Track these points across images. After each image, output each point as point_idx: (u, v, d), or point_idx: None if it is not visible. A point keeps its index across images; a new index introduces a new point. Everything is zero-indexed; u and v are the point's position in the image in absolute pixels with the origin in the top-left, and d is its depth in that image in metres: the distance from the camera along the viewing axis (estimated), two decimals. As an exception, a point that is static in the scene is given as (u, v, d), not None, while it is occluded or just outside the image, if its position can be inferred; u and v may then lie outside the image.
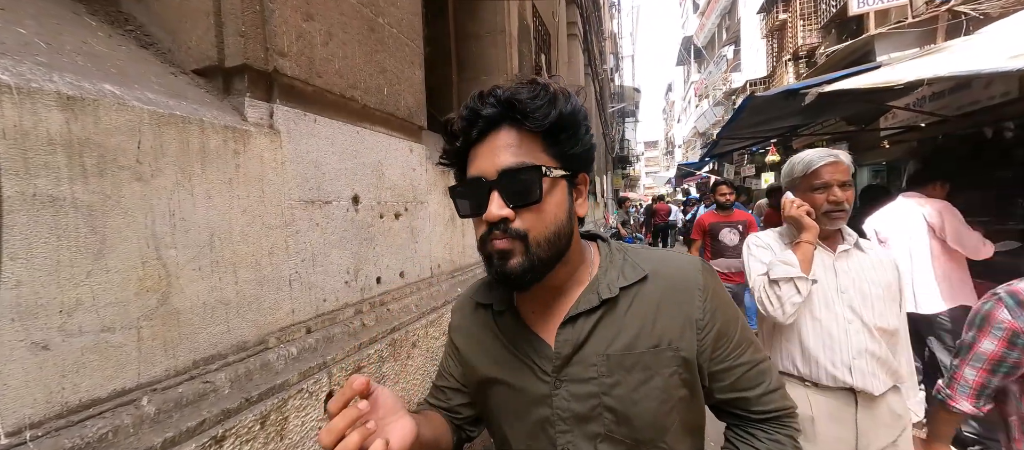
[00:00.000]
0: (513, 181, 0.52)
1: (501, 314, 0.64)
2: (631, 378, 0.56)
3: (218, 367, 0.79)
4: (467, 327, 0.69)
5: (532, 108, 0.52)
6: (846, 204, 1.22)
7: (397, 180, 1.47)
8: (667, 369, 0.57)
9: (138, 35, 0.96)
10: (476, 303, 0.68)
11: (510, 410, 0.62)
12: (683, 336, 0.57)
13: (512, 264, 0.52)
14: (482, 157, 0.53)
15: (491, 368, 0.63)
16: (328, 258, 1.12)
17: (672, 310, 0.58)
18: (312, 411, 0.93)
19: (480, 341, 0.66)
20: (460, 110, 0.55)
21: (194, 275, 0.77)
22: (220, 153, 0.83)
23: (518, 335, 0.61)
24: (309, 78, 1.07)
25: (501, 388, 0.62)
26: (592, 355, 0.57)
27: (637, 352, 0.56)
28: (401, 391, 1.30)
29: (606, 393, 0.56)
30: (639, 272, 0.59)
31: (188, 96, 0.85)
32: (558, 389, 0.58)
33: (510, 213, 0.51)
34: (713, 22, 21.38)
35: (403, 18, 1.52)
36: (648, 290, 0.59)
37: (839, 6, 6.59)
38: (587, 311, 0.57)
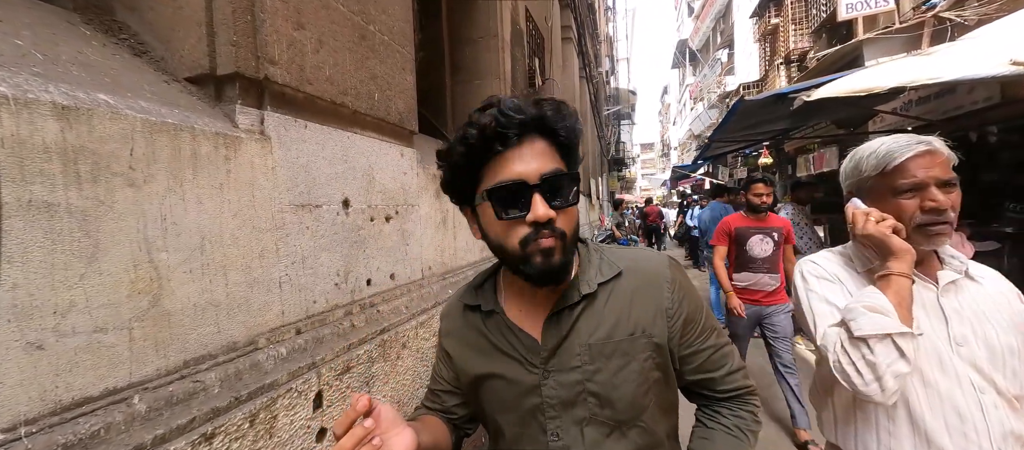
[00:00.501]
0: (553, 185, 0.57)
1: (489, 315, 0.68)
2: (611, 364, 0.62)
3: (208, 367, 0.82)
4: (457, 331, 0.73)
5: (565, 123, 0.59)
6: (951, 212, 0.84)
7: (388, 184, 1.49)
8: (642, 354, 0.63)
9: (132, 44, 0.98)
10: (465, 306, 0.72)
11: (503, 402, 0.66)
12: (655, 324, 0.64)
13: (556, 260, 0.57)
14: (516, 162, 0.57)
15: (483, 365, 0.67)
16: (318, 260, 1.14)
17: (644, 301, 0.64)
18: (301, 410, 0.96)
19: (471, 342, 0.70)
20: (492, 116, 0.56)
21: (185, 277, 0.79)
22: (211, 159, 0.85)
23: (506, 333, 0.66)
24: (300, 85, 1.10)
25: (494, 382, 0.67)
26: (575, 345, 0.63)
27: (615, 340, 0.62)
28: (391, 391, 1.32)
29: (589, 379, 0.62)
30: (615, 269, 0.66)
31: (180, 104, 0.87)
32: (546, 379, 0.63)
33: (554, 214, 0.57)
34: (708, 26, 21.57)
35: (394, 25, 1.55)
36: (623, 285, 0.65)
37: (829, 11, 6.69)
38: (569, 306, 0.63)
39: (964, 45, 2.53)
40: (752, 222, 2.71)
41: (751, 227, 2.70)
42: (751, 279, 2.68)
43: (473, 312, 0.70)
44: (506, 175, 0.57)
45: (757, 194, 2.66)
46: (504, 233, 0.59)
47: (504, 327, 0.66)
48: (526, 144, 0.58)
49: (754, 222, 2.70)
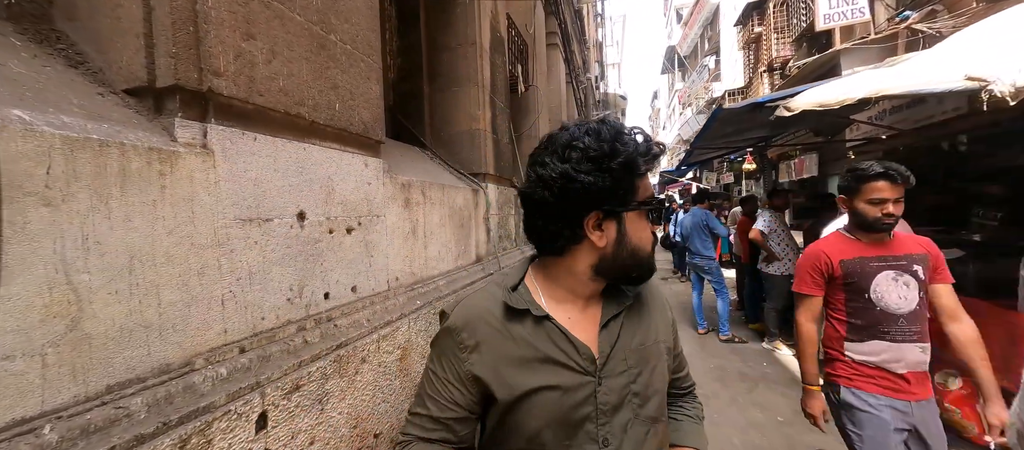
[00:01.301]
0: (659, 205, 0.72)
1: (540, 322, 0.67)
2: (648, 367, 0.71)
3: (135, 391, 0.79)
4: (491, 342, 0.66)
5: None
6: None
7: (349, 195, 1.47)
8: (665, 357, 0.75)
9: (69, 55, 0.95)
10: (508, 308, 0.67)
11: (552, 415, 0.65)
12: (668, 332, 0.78)
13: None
14: (647, 185, 0.70)
15: (531, 379, 0.64)
16: (268, 276, 1.11)
17: (658, 313, 0.78)
18: (241, 432, 0.93)
19: (512, 353, 0.65)
20: (653, 146, 0.69)
21: (109, 299, 0.76)
22: (143, 175, 0.82)
23: (559, 341, 0.67)
24: (248, 97, 1.07)
25: (544, 396, 0.64)
26: (622, 351, 0.69)
27: (648, 345, 0.73)
28: (348, 408, 1.30)
29: (634, 381, 0.69)
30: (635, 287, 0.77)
31: (112, 118, 0.84)
32: (600, 385, 0.67)
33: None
34: (696, 33, 21.90)
35: (358, 34, 1.53)
36: (642, 299, 0.77)
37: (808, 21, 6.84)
38: (616, 314, 0.71)
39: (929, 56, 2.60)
40: (872, 248, 1.55)
41: (873, 258, 1.53)
42: (886, 352, 1.50)
43: (517, 320, 0.66)
44: (651, 191, 0.71)
45: (876, 200, 1.47)
46: (647, 238, 0.70)
47: (558, 335, 0.67)
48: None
49: (875, 248, 1.55)
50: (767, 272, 4.29)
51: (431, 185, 2.13)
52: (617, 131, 0.66)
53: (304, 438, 1.11)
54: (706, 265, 4.77)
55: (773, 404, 3.28)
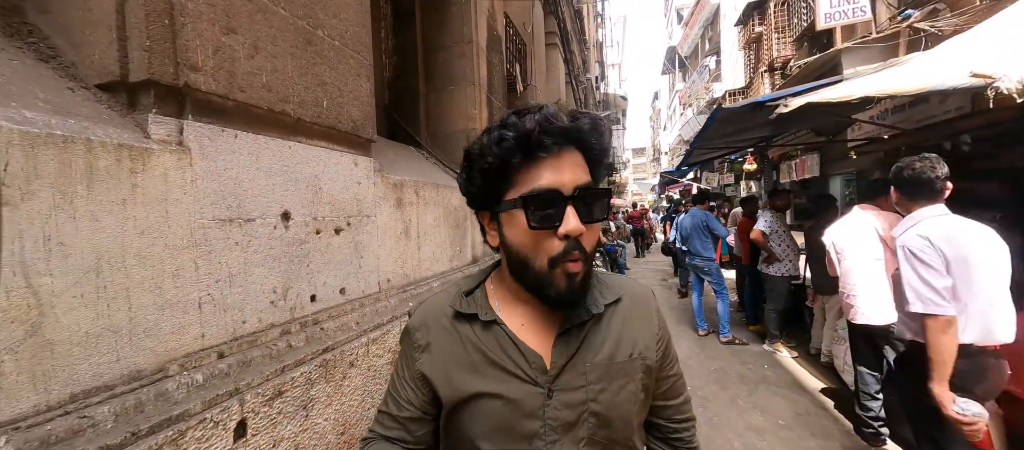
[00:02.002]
0: (586, 199, 0.56)
1: (488, 326, 0.63)
2: (614, 385, 0.62)
3: (101, 400, 0.75)
4: (440, 343, 0.65)
5: (602, 139, 0.58)
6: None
7: (338, 194, 1.43)
8: (637, 375, 0.64)
9: (40, 48, 0.91)
10: (456, 313, 0.65)
11: (494, 425, 0.60)
12: (648, 346, 0.66)
13: (578, 285, 0.56)
14: (550, 171, 0.55)
15: (474, 383, 0.61)
16: (249, 278, 1.08)
17: (639, 325, 0.67)
18: (217, 441, 0.89)
19: (459, 356, 0.63)
20: (536, 121, 0.55)
21: (74, 303, 0.73)
22: (111, 173, 0.79)
23: (508, 347, 0.61)
24: (229, 93, 1.04)
25: (486, 403, 0.60)
26: (582, 364, 0.61)
27: (618, 361, 0.63)
28: (335, 414, 1.26)
29: (593, 399, 0.61)
30: (616, 293, 0.67)
31: (80, 113, 0.81)
32: (550, 399, 0.60)
33: (584, 229, 0.55)
34: (696, 33, 21.85)
35: (347, 30, 1.50)
36: (621, 308, 0.67)
37: (809, 21, 6.79)
38: (578, 324, 0.63)
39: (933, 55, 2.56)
40: None
41: None
42: None
43: (466, 322, 0.64)
44: (542, 182, 0.55)
45: None
46: (533, 244, 0.56)
47: (506, 340, 0.61)
48: (564, 154, 0.56)
49: None
50: (768, 273, 4.24)
51: (425, 185, 2.10)
52: (515, 113, 0.57)
53: (287, 446, 1.07)
54: (706, 266, 4.73)
55: (774, 407, 3.23)
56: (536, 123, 0.55)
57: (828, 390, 3.46)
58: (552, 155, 0.56)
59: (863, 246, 2.54)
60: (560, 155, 0.56)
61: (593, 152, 0.58)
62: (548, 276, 0.56)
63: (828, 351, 3.74)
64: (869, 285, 2.49)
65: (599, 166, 0.60)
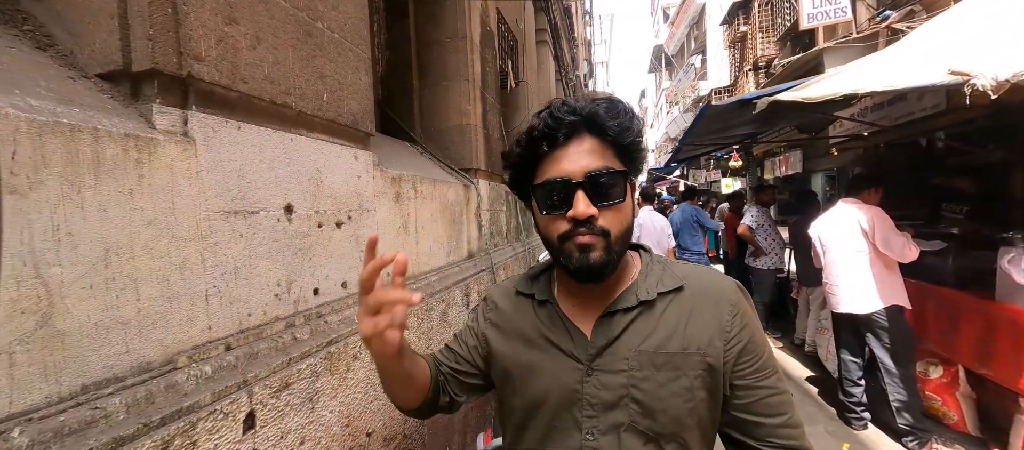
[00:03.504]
0: (598, 183, 0.58)
1: (542, 304, 0.69)
2: (660, 375, 0.61)
3: (112, 391, 0.74)
4: (505, 314, 0.73)
5: (616, 121, 0.59)
6: None
7: (339, 188, 1.43)
8: (693, 372, 0.61)
9: (37, 36, 0.89)
10: (518, 292, 0.73)
11: (539, 393, 0.65)
12: (712, 344, 0.61)
13: (594, 257, 0.58)
14: (565, 160, 0.59)
15: (526, 354, 0.67)
16: (254, 270, 1.07)
17: (703, 319, 0.63)
18: (228, 433, 0.89)
19: (518, 328, 0.70)
20: (543, 118, 0.60)
21: (84, 294, 0.72)
22: (118, 163, 0.78)
23: (557, 324, 0.66)
24: (232, 84, 1.03)
25: (534, 373, 0.66)
26: (624, 349, 0.62)
27: (668, 352, 0.61)
28: (339, 406, 1.26)
29: (635, 385, 0.61)
30: (677, 281, 0.65)
31: (84, 102, 0.80)
32: (590, 377, 0.62)
33: (595, 212, 0.58)
34: (682, 32, 22.13)
35: (346, 22, 1.49)
36: (683, 299, 0.64)
37: (792, 20, 6.96)
38: (624, 309, 0.63)
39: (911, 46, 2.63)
40: None
41: None
42: None
43: (525, 300, 0.71)
44: (553, 173, 0.60)
45: None
46: (547, 227, 0.62)
47: (556, 318, 0.67)
48: (574, 143, 0.60)
49: None
50: (754, 267, 4.36)
51: (422, 180, 2.10)
52: (544, 109, 0.62)
53: (294, 438, 1.07)
54: (696, 260, 4.84)
55: (761, 396, 3.34)
56: (542, 120, 0.60)
57: (812, 378, 3.58)
58: (563, 146, 0.60)
59: (847, 239, 2.63)
60: (571, 144, 0.60)
61: (609, 134, 0.59)
62: (561, 250, 0.60)
63: (812, 341, 3.87)
64: (852, 276, 2.58)
65: (621, 147, 0.61)
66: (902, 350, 2.51)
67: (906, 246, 2.43)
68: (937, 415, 2.67)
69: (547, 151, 0.60)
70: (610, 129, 0.60)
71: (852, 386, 2.79)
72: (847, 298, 2.61)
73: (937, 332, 2.74)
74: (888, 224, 2.51)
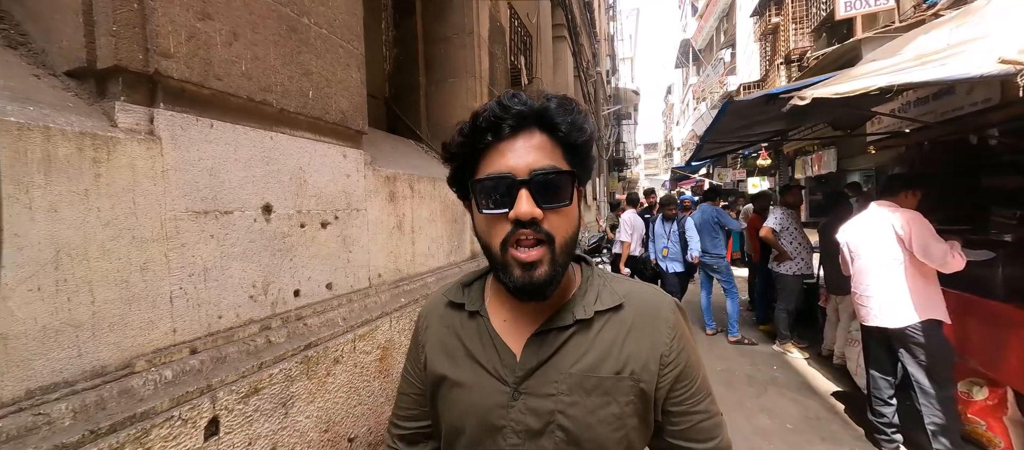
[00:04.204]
0: (544, 182, 0.53)
1: (472, 316, 0.63)
2: (589, 401, 0.56)
3: (59, 397, 0.73)
4: (434, 327, 0.67)
5: (568, 118, 0.54)
6: None
7: (325, 187, 1.40)
8: (624, 398, 0.56)
9: (10, 34, 0.89)
10: (449, 302, 0.67)
11: (463, 414, 0.60)
12: (647, 367, 0.57)
13: (538, 274, 0.52)
14: (510, 155, 0.54)
15: (449, 369, 0.62)
16: (226, 272, 1.05)
17: (640, 341, 0.58)
18: (186, 440, 0.87)
19: (445, 341, 0.65)
20: (489, 106, 0.55)
21: (30, 296, 0.70)
22: (72, 162, 0.76)
23: (485, 340, 0.61)
24: (204, 81, 1.01)
25: (457, 392, 0.61)
26: (555, 372, 0.57)
27: (599, 376, 0.57)
28: (317, 411, 1.23)
29: (562, 411, 0.56)
30: (616, 299, 0.60)
31: (41, 100, 0.78)
32: (516, 401, 0.57)
33: (540, 213, 0.52)
34: (711, 25, 21.35)
35: (335, 18, 1.46)
36: (620, 318, 0.59)
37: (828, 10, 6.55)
38: (559, 328, 0.58)
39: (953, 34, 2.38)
40: None
41: None
42: None
43: (455, 311, 0.65)
44: (496, 167, 0.54)
45: None
46: (487, 229, 0.55)
47: (485, 333, 0.61)
48: (522, 137, 0.54)
49: None
50: (778, 272, 4.11)
51: (421, 178, 2.06)
52: (504, 93, 0.56)
53: (264, 444, 1.05)
54: (716, 263, 4.61)
55: (783, 410, 3.13)
56: (488, 107, 0.54)
57: (840, 394, 3.35)
58: (507, 139, 0.54)
59: (879, 245, 2.42)
60: (518, 138, 0.54)
61: (559, 133, 0.54)
62: (503, 261, 0.54)
63: (841, 353, 3.62)
64: (884, 286, 2.37)
65: (573, 149, 0.56)
66: (939, 368, 2.28)
67: (948, 254, 2.20)
68: (981, 441, 2.43)
69: (491, 142, 0.54)
70: (561, 126, 0.54)
71: (882, 405, 2.57)
72: (878, 310, 2.40)
73: (983, 349, 2.48)
74: (927, 230, 2.29)
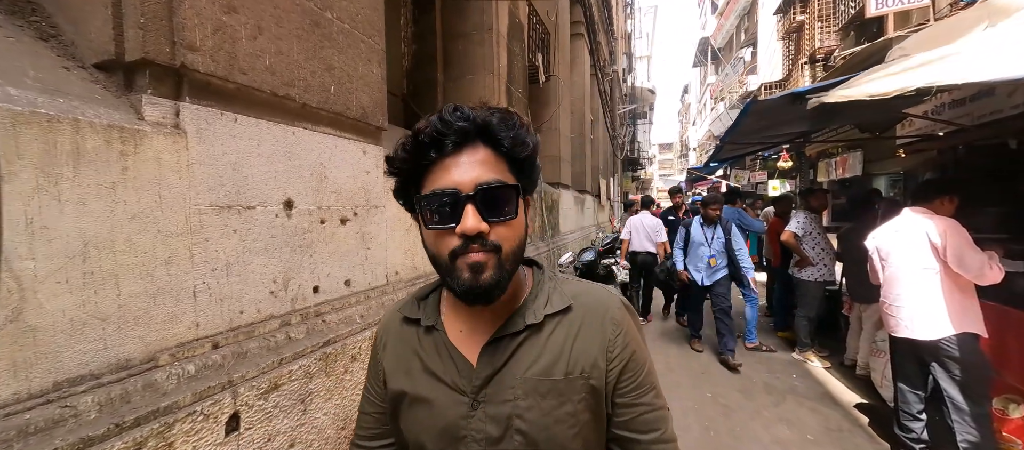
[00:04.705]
0: (490, 197, 0.54)
1: (429, 331, 0.64)
2: (545, 403, 0.58)
3: (86, 389, 0.73)
4: (391, 344, 0.68)
5: (510, 133, 0.55)
6: None
7: (345, 183, 1.39)
8: (577, 396, 0.58)
9: (41, 27, 0.90)
10: (404, 318, 0.68)
11: (423, 429, 0.61)
12: (595, 365, 0.59)
13: (485, 277, 0.54)
14: (454, 170, 0.54)
15: (409, 385, 0.62)
16: (248, 267, 1.05)
17: (587, 339, 0.60)
18: (208, 435, 0.86)
19: (402, 358, 0.65)
20: (431, 121, 0.55)
21: (58, 289, 0.70)
22: (100, 154, 0.76)
23: (442, 353, 0.62)
24: (229, 75, 1.00)
25: (417, 406, 0.62)
26: (510, 378, 0.58)
27: (553, 378, 0.58)
28: (335, 408, 1.23)
29: (519, 416, 0.57)
30: (565, 301, 0.61)
31: (71, 92, 0.78)
32: (475, 410, 0.58)
33: (486, 227, 0.53)
34: (731, 23, 20.89)
35: (358, 13, 1.45)
36: (569, 319, 0.61)
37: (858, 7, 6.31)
38: (511, 334, 0.59)
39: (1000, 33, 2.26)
40: None
41: None
42: None
43: (410, 326, 0.66)
44: (441, 183, 0.54)
45: None
46: (435, 243, 0.56)
47: (441, 346, 0.62)
48: (466, 152, 0.55)
49: None
50: (799, 278, 3.98)
51: (438, 175, 2.04)
52: (445, 107, 0.56)
53: (283, 440, 1.04)
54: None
55: (802, 420, 3.04)
56: (430, 123, 0.54)
57: (863, 406, 3.23)
58: (451, 154, 0.54)
59: (912, 253, 2.31)
60: (463, 153, 0.55)
61: (503, 147, 0.55)
62: (451, 268, 0.54)
63: (864, 363, 3.49)
64: (916, 296, 2.27)
65: (517, 161, 0.57)
66: (975, 384, 2.18)
67: (985, 265, 2.09)
68: (1017, 462, 2.31)
69: (435, 158, 0.55)
70: (504, 140, 0.55)
71: (910, 420, 2.47)
72: (908, 321, 2.29)
73: (1021, 364, 2.36)
74: (964, 239, 2.18)
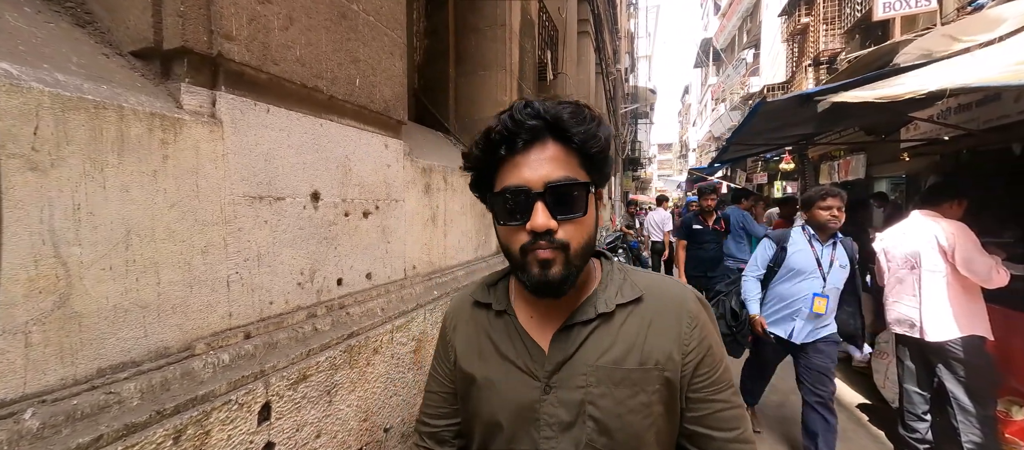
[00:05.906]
0: (559, 194, 0.55)
1: (500, 315, 0.65)
2: (618, 392, 0.58)
3: (128, 376, 0.73)
4: (463, 327, 0.69)
5: (581, 128, 0.55)
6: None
7: (368, 177, 1.39)
8: (651, 387, 0.58)
9: (78, 13, 0.89)
10: (475, 302, 0.69)
11: (495, 411, 0.62)
12: (670, 358, 0.59)
13: (553, 272, 0.55)
14: (525, 168, 0.55)
15: (482, 368, 0.64)
16: (278, 258, 1.05)
17: (662, 332, 0.60)
18: (242, 424, 0.87)
19: (474, 341, 0.67)
20: (502, 120, 0.56)
21: (103, 275, 0.70)
22: (142, 142, 0.76)
23: (514, 338, 0.63)
24: (262, 65, 1.00)
25: (489, 389, 0.63)
26: (582, 365, 0.59)
27: (625, 368, 0.59)
28: (358, 400, 1.23)
29: (592, 403, 0.58)
30: (636, 292, 0.62)
31: (113, 79, 0.78)
32: (548, 394, 0.59)
33: (555, 225, 0.54)
34: (734, 24, 20.87)
35: (382, 6, 1.44)
36: (642, 310, 0.61)
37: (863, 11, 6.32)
38: (582, 322, 0.60)
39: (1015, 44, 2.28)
40: None
41: None
42: None
43: (482, 310, 0.68)
44: (513, 180, 0.56)
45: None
46: (507, 237, 0.58)
47: (513, 331, 0.63)
48: (536, 149, 0.56)
49: None
50: (804, 279, 4.01)
51: (453, 171, 2.04)
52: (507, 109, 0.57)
53: (310, 431, 1.05)
54: (735, 268, 4.52)
55: (806, 420, 3.06)
56: (502, 122, 0.55)
57: (865, 406, 3.26)
58: (523, 151, 0.56)
59: (918, 254, 2.33)
60: (532, 150, 0.56)
61: (574, 142, 0.56)
62: (522, 263, 0.56)
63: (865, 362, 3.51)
64: (923, 297, 2.29)
65: (590, 158, 0.57)
66: (981, 386, 2.20)
67: (993, 269, 2.11)
68: (1019, 464, 2.33)
69: (506, 156, 0.56)
70: (575, 136, 0.55)
71: (915, 420, 2.49)
72: (916, 322, 2.31)
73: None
74: (972, 243, 2.20)
